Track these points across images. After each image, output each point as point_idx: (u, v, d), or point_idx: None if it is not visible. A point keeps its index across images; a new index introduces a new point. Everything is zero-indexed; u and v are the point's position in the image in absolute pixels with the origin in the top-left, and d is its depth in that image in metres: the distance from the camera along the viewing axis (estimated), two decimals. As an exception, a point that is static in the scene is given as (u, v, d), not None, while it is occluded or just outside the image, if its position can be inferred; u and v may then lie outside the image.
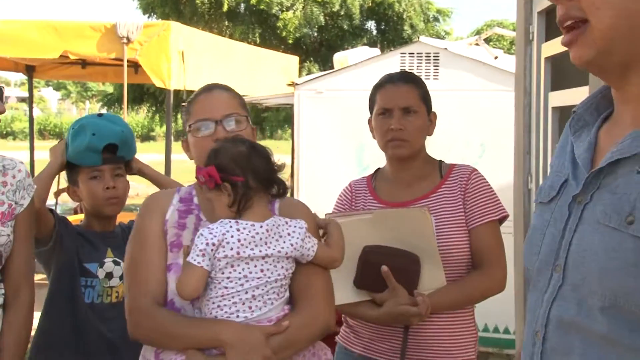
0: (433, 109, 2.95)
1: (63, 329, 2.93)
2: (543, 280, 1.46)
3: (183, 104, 2.83)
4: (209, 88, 2.49)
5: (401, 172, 2.93)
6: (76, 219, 3.63)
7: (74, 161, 3.04)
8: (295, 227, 2.29)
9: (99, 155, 2.96)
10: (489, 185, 2.90)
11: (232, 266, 2.20)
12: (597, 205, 1.38)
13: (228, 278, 2.20)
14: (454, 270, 2.78)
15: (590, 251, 1.38)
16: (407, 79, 2.94)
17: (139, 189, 13.86)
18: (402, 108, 2.85)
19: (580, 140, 1.49)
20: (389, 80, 2.94)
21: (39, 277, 3.77)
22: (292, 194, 8.91)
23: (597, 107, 1.49)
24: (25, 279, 2.56)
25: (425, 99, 2.91)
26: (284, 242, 2.26)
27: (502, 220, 2.87)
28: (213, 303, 2.21)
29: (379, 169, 3.05)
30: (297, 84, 8.05)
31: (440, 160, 2.97)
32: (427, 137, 2.94)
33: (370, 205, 2.92)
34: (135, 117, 44.15)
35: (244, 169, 2.22)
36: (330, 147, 7.42)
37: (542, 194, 1.55)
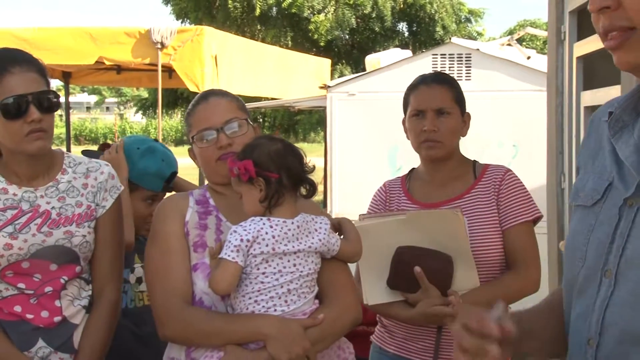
0: (467, 111, 2.94)
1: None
2: (592, 287, 1.44)
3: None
4: (205, 96, 2.51)
5: (435, 172, 2.93)
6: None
7: (136, 180, 3.06)
8: (320, 223, 2.32)
9: (162, 181, 3.00)
10: (523, 185, 2.88)
11: (267, 262, 2.22)
12: None
13: (264, 273, 2.22)
14: (487, 271, 2.77)
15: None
16: (440, 80, 2.93)
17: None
18: (436, 109, 2.84)
19: (622, 142, 1.46)
20: (423, 82, 2.93)
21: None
22: (325, 196, 8.92)
23: (636, 107, 1.46)
24: (109, 282, 2.59)
25: (459, 100, 2.90)
26: (313, 237, 2.29)
27: (536, 220, 2.85)
28: (250, 298, 2.23)
29: (413, 169, 3.05)
30: (329, 87, 8.06)
31: (474, 161, 2.96)
32: (462, 138, 2.93)
33: (404, 206, 2.92)
34: (169, 122, 44.36)
35: (279, 167, 2.24)
36: (362, 149, 7.41)
37: (581, 196, 1.52)
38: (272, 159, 2.25)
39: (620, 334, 1.38)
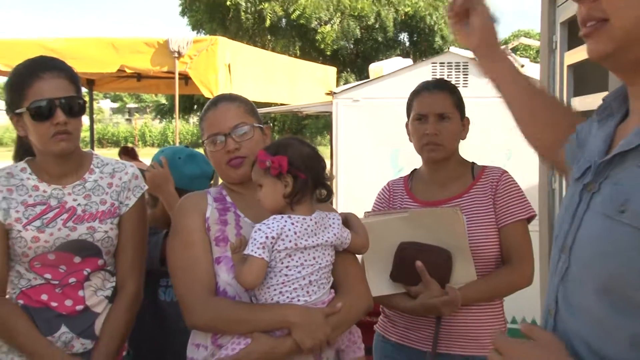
0: (467, 116, 2.95)
1: (144, 325, 2.94)
2: (555, 262, 1.48)
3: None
4: (215, 102, 2.52)
5: (436, 173, 2.93)
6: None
7: (187, 187, 3.06)
8: (334, 219, 2.35)
9: (208, 180, 3.01)
10: (518, 186, 2.89)
11: (290, 256, 2.24)
12: (600, 194, 1.39)
13: (287, 267, 2.24)
14: (484, 265, 2.78)
15: (590, 237, 1.39)
16: (442, 87, 2.95)
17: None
18: (437, 114, 2.85)
19: (602, 130, 1.48)
20: (425, 88, 2.94)
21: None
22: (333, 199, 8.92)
23: (625, 98, 1.47)
24: (131, 275, 2.61)
25: (459, 105, 2.91)
26: (329, 232, 2.31)
27: (530, 219, 2.86)
28: (274, 290, 2.25)
29: (415, 170, 3.06)
30: (335, 93, 8.04)
31: (473, 163, 2.97)
32: (461, 141, 2.94)
33: (406, 204, 2.93)
34: (186, 126, 44.39)
35: (308, 169, 2.27)
36: (366, 151, 7.41)
37: (572, 177, 1.54)
38: (304, 160, 2.27)
39: (569, 307, 1.42)
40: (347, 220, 2.43)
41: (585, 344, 1.36)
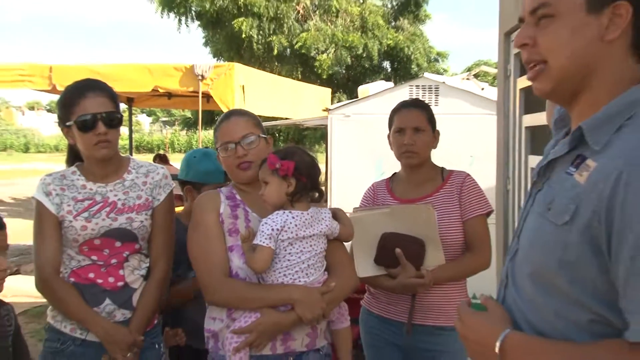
0: (437, 129, 2.95)
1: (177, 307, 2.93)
2: (510, 244, 1.49)
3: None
4: (228, 115, 2.52)
5: (412, 176, 2.94)
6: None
7: (201, 180, 3.05)
8: (325, 213, 2.36)
9: (222, 174, 3.01)
10: (479, 187, 2.89)
11: (292, 244, 2.24)
12: (540, 193, 1.40)
13: (289, 253, 2.25)
14: (451, 252, 2.79)
15: (528, 229, 1.41)
16: (417, 105, 2.95)
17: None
18: (413, 127, 2.86)
19: (554, 138, 1.48)
20: (404, 106, 2.95)
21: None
22: (326, 193, 8.92)
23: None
24: (161, 257, 2.59)
25: (431, 120, 2.91)
26: (322, 224, 2.32)
27: (489, 214, 2.86)
28: (279, 272, 2.25)
29: (395, 173, 3.06)
30: (329, 110, 8.03)
31: (442, 167, 2.96)
32: (432, 149, 2.94)
33: (388, 202, 2.93)
34: (207, 136, 44.30)
35: (309, 175, 2.28)
36: (355, 158, 7.41)
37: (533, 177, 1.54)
38: (307, 167, 2.28)
39: (515, 283, 1.42)
40: (336, 214, 2.42)
41: (523, 315, 1.37)
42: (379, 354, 2.91)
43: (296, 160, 2.26)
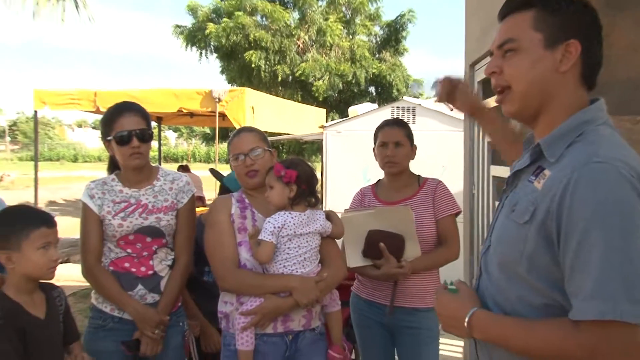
0: (415, 143, 2.94)
1: (195, 294, 2.90)
2: (485, 241, 1.48)
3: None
4: (239, 132, 2.51)
5: (393, 182, 2.93)
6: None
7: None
8: (319, 214, 2.34)
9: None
10: (449, 191, 2.89)
11: (291, 240, 2.23)
12: (509, 198, 1.40)
13: (288, 248, 2.23)
14: (426, 245, 2.77)
15: (497, 228, 1.40)
16: (397, 123, 2.94)
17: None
18: (394, 142, 2.85)
19: (524, 154, 1.49)
20: (387, 124, 2.94)
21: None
22: (322, 197, 8.92)
23: None
24: (184, 250, 2.56)
25: (409, 136, 2.90)
26: (316, 223, 2.30)
27: (457, 214, 2.85)
28: (280, 264, 2.24)
29: (379, 180, 3.05)
30: (324, 127, 8.04)
31: (419, 175, 2.95)
32: (411, 160, 2.93)
33: (373, 203, 2.92)
34: (222, 148, 44.26)
35: (308, 183, 2.27)
36: (346, 167, 7.40)
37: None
38: (307, 177, 2.28)
39: (487, 273, 1.42)
40: (329, 216, 2.41)
41: (492, 299, 1.37)
42: (367, 331, 2.89)
43: (299, 170, 2.25)
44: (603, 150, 1.20)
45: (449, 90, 1.97)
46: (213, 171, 3.59)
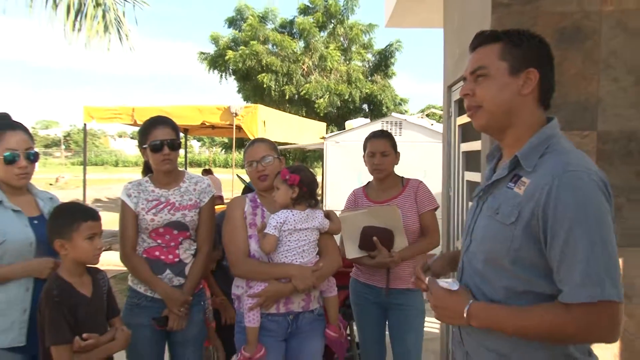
0: (398, 151, 2.92)
1: (216, 279, 2.90)
2: (464, 241, 1.46)
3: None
4: (253, 142, 2.50)
5: (381, 184, 2.92)
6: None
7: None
8: (318, 213, 2.32)
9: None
10: (429, 189, 2.88)
11: (291, 234, 2.21)
12: (486, 203, 1.39)
13: (289, 241, 2.22)
14: (411, 236, 2.77)
15: (480, 228, 1.39)
16: (383, 135, 2.92)
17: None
18: (381, 152, 2.84)
19: (489, 167, 1.50)
20: (374, 136, 2.92)
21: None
22: (322, 197, 8.94)
23: (499, 147, 1.49)
24: (205, 242, 2.54)
25: (394, 145, 2.89)
26: (315, 221, 2.28)
27: (436, 209, 2.84)
28: (282, 255, 2.23)
29: (369, 182, 3.04)
30: (325, 138, 8.04)
31: (402, 177, 2.95)
32: (395, 165, 2.92)
33: (365, 203, 2.91)
34: (238, 155, 44.19)
35: (309, 186, 2.25)
36: (342, 172, 7.40)
37: (474, 193, 1.54)
38: (308, 181, 2.26)
39: (468, 267, 1.41)
40: (328, 214, 2.40)
41: (478, 289, 1.35)
42: (363, 309, 2.88)
43: (301, 175, 2.25)
44: (573, 160, 1.23)
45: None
46: (239, 177, 3.59)
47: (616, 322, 1.17)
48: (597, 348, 1.36)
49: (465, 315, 1.30)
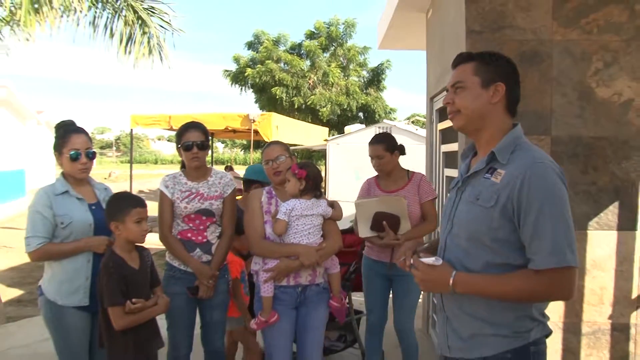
0: (396, 149, 2.84)
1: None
2: (445, 227, 1.44)
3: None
4: (269, 144, 2.47)
5: (389, 177, 2.84)
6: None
7: (258, 178, 2.92)
8: (322, 202, 2.29)
9: (262, 175, 2.88)
10: (430, 182, 2.84)
11: (299, 219, 2.20)
12: (466, 192, 1.39)
13: (297, 225, 2.20)
14: (413, 221, 2.72)
15: (461, 213, 1.38)
16: (378, 141, 2.83)
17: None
18: (376, 156, 2.79)
19: (464, 163, 1.49)
20: (371, 142, 2.85)
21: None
22: (325, 190, 8.92)
23: (472, 147, 1.49)
24: (228, 226, 2.52)
25: (388, 148, 2.81)
26: (319, 208, 2.26)
27: (435, 199, 2.79)
28: (291, 236, 2.21)
29: (378, 174, 2.92)
30: (327, 140, 8.02)
31: (407, 170, 2.88)
32: (398, 160, 2.83)
33: (377, 192, 2.84)
34: (256, 154, 44.08)
35: (314, 180, 2.23)
36: (342, 170, 7.39)
37: (451, 185, 1.52)
38: (314, 175, 2.24)
39: (450, 247, 1.39)
40: (332, 204, 2.36)
41: (460, 263, 1.34)
42: (373, 280, 2.85)
43: (308, 170, 2.23)
44: (538, 155, 1.29)
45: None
46: (235, 174, 3.53)
47: (573, 283, 1.22)
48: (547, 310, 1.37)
49: (451, 283, 1.30)
